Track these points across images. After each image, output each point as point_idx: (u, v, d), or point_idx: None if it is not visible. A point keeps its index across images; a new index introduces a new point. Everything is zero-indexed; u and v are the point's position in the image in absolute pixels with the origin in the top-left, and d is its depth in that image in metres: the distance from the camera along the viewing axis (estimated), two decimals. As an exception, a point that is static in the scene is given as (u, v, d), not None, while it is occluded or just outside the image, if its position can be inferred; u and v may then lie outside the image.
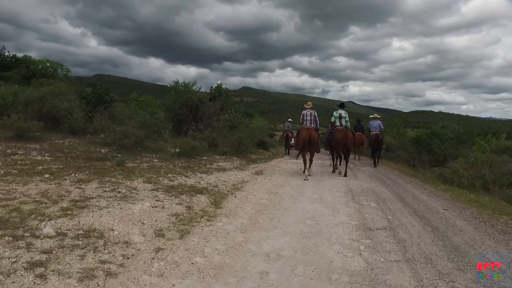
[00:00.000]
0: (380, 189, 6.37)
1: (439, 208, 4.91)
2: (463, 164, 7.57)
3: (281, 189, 6.10)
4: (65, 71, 26.64)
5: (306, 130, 7.83)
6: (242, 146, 11.37)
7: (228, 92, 16.36)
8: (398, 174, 8.88)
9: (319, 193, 5.86)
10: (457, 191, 6.34)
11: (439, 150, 12.70)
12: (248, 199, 5.15)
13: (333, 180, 7.46)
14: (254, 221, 3.99)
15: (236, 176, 7.22)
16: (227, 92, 16.24)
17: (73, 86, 11.23)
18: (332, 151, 9.06)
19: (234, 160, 10.24)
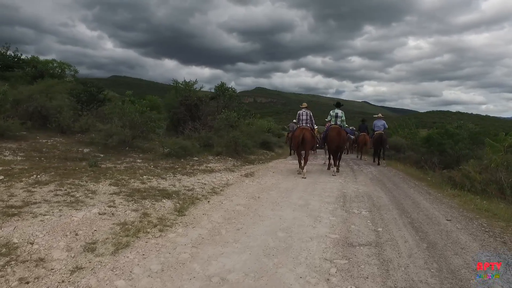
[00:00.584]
0: (378, 194, 5.66)
1: (441, 218, 4.18)
2: (475, 166, 6.73)
3: (266, 193, 5.49)
4: (73, 71, 26.91)
5: (300, 130, 7.95)
6: (238, 146, 10.81)
7: (232, 91, 15.85)
8: (403, 177, 8.08)
9: (307, 198, 5.21)
10: (467, 197, 5.55)
11: (452, 151, 11.77)
12: (222, 205, 4.57)
13: (329, 183, 6.78)
14: (215, 233, 3.41)
15: (222, 178, 6.66)
16: (231, 91, 15.74)
17: (65, 85, 10.93)
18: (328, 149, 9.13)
19: (228, 160, 9.68)
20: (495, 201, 5.77)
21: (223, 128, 11.81)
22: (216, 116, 11.81)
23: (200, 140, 10.72)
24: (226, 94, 15.20)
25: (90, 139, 8.55)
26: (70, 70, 27.25)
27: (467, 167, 6.84)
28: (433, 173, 9.13)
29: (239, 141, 10.39)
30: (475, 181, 6.28)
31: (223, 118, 11.46)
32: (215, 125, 11.43)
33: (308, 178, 7.42)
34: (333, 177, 7.75)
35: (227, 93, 15.26)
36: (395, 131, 19.66)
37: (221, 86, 15.34)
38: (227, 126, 11.51)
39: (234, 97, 15.15)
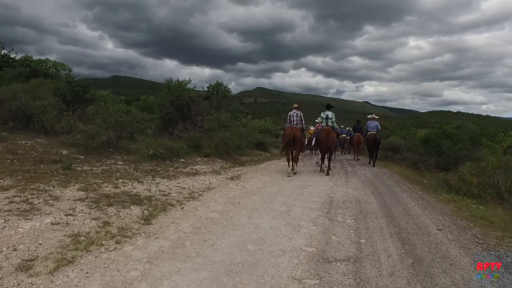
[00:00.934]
0: (368, 199, 5.31)
1: (432, 227, 3.84)
2: (472, 168, 6.38)
3: (247, 198, 5.16)
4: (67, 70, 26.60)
5: (290, 129, 8.05)
6: (229, 147, 10.48)
7: (226, 91, 15.51)
8: (398, 180, 7.73)
9: (291, 203, 4.88)
10: (462, 203, 5.20)
11: (450, 151, 11.42)
12: (196, 211, 4.24)
13: (318, 186, 6.44)
14: (179, 245, 3.08)
15: (204, 181, 6.33)
16: (225, 91, 15.40)
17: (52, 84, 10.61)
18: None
19: (216, 162, 9.35)
20: (493, 206, 5.43)
21: (215, 129, 11.48)
22: (207, 116, 11.45)
23: (188, 141, 10.39)
24: (220, 93, 14.84)
25: (72, 140, 8.23)
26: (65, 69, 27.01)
27: (464, 169, 6.50)
28: (430, 175, 8.79)
29: (229, 142, 10.05)
30: (471, 184, 5.94)
31: (213, 118, 11.12)
32: (205, 125, 11.09)
33: (298, 181, 7.09)
34: (323, 179, 7.42)
35: (221, 92, 14.91)
36: (393, 131, 19.30)
37: (215, 85, 15.01)
38: (220, 126, 11.17)
39: (228, 96, 14.79)
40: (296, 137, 7.87)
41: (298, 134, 7.96)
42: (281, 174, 8.00)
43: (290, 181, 7.05)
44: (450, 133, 11.89)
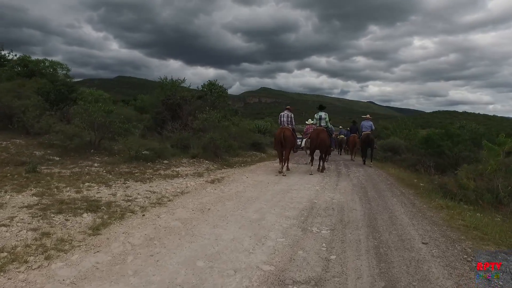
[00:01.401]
0: (353, 206, 4.87)
1: (417, 240, 3.39)
2: (469, 172, 5.90)
3: (221, 204, 4.75)
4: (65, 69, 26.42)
5: (281, 130, 8.31)
6: (218, 148, 10.09)
7: (221, 90, 15.10)
8: (391, 183, 7.26)
9: (267, 210, 4.46)
10: (457, 210, 4.72)
11: (451, 152, 10.90)
12: (157, 219, 3.84)
13: (303, 190, 6.01)
14: (119, 260, 2.68)
15: (181, 184, 5.94)
16: (220, 90, 14.99)
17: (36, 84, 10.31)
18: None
19: (203, 164, 8.95)
20: (491, 213, 4.95)
21: (205, 129, 11.09)
22: (196, 116, 11.06)
23: (176, 142, 10.02)
24: (214, 93, 14.45)
25: (49, 140, 7.90)
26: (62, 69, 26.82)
27: (461, 173, 6.02)
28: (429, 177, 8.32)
29: (217, 143, 9.66)
30: (468, 189, 5.46)
31: (203, 118, 10.74)
32: (194, 125, 10.71)
33: (283, 184, 6.67)
34: (312, 182, 6.98)
35: (215, 92, 14.52)
36: (394, 131, 18.76)
37: (209, 84, 14.62)
38: (209, 127, 10.78)
39: (222, 96, 14.41)
40: (286, 138, 8.05)
41: (288, 134, 8.13)
42: (268, 177, 7.58)
43: (275, 184, 6.62)
44: (452, 133, 11.35)
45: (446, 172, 11.18)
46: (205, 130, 10.85)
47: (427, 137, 11.79)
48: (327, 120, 8.90)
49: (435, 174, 10.16)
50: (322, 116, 8.90)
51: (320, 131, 8.61)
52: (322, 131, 8.60)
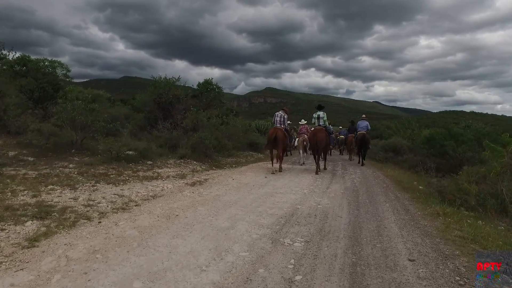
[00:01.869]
0: (339, 213, 4.39)
1: (403, 255, 2.91)
2: (471, 175, 5.38)
3: (193, 209, 4.32)
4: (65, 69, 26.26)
5: (274, 130, 8.45)
6: (208, 148, 9.67)
7: (217, 88, 14.64)
8: (387, 186, 6.75)
9: (241, 217, 4.02)
10: (455, 217, 4.22)
11: (454, 153, 10.33)
12: (114, 228, 3.42)
13: (288, 194, 5.55)
14: (42, 281, 2.26)
15: (157, 187, 5.52)
16: (216, 88, 14.54)
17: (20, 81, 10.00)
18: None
19: (190, 165, 8.54)
20: (494, 220, 4.45)
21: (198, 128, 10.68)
22: (185, 115, 10.65)
23: (164, 141, 9.62)
24: (211, 92, 14.01)
25: (29, 140, 7.55)
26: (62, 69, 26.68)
27: (461, 175, 5.51)
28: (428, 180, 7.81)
29: (206, 143, 9.23)
30: (469, 194, 4.95)
31: (191, 118, 10.32)
32: (183, 124, 10.30)
33: (270, 186, 6.22)
34: (301, 185, 6.51)
35: (211, 91, 14.08)
36: (397, 131, 18.17)
37: (204, 83, 14.20)
38: (201, 126, 10.35)
39: (217, 95, 13.98)
40: (278, 137, 8.16)
41: (280, 134, 8.23)
42: (256, 179, 7.13)
43: (260, 187, 6.17)
44: (455, 133, 10.78)
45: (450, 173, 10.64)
46: (196, 130, 10.45)
47: (429, 137, 11.22)
48: (325, 120, 8.93)
49: (437, 176, 9.62)
50: (320, 115, 8.91)
51: (319, 130, 8.66)
52: (320, 131, 8.64)
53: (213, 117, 11.13)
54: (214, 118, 11.06)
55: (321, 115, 8.92)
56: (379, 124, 27.43)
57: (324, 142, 8.61)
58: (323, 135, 8.57)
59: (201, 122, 10.20)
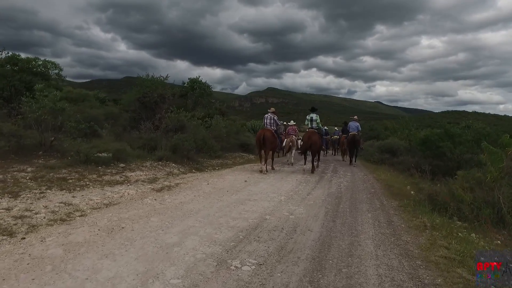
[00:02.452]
0: (310, 225, 3.84)
1: (370, 286, 2.36)
2: (466, 180, 4.82)
3: (144, 220, 3.79)
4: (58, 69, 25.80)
5: (262, 131, 8.65)
6: (190, 150, 9.15)
7: (205, 87, 14.12)
8: (376, 191, 6.19)
9: (194, 230, 3.48)
10: (445, 230, 3.67)
11: (451, 154, 9.76)
12: (38, 245, 2.89)
13: (262, 201, 5.01)
14: None
15: (117, 194, 5.00)
16: (203, 87, 14.00)
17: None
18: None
19: (168, 167, 8.02)
20: (489, 231, 3.89)
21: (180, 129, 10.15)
22: (165, 115, 10.13)
23: (144, 143, 9.11)
24: (196, 90, 13.49)
25: None
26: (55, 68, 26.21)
27: (456, 180, 4.96)
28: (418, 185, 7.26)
29: (186, 144, 8.70)
30: (463, 202, 4.39)
31: (172, 118, 9.80)
32: (162, 125, 9.78)
33: (245, 193, 5.69)
34: (281, 191, 5.98)
35: (198, 89, 13.55)
36: (394, 132, 17.60)
37: (190, 81, 13.67)
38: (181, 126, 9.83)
39: (205, 94, 13.44)
40: (266, 138, 8.29)
41: (268, 135, 8.37)
42: (234, 183, 6.59)
43: (234, 193, 5.64)
44: (453, 133, 10.21)
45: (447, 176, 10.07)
46: (178, 131, 9.92)
47: (424, 138, 10.64)
48: (318, 122, 9.10)
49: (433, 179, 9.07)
50: (313, 117, 9.06)
51: (312, 133, 8.85)
52: (313, 133, 8.84)
53: (195, 118, 10.58)
54: (196, 118, 10.50)
55: (314, 117, 9.04)
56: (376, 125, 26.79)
57: (317, 144, 8.86)
58: (317, 138, 8.80)
59: (181, 122, 9.65)
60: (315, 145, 8.75)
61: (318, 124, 9.13)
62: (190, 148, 8.83)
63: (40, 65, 25.95)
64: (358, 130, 11.43)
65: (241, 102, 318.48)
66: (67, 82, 21.36)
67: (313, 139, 8.67)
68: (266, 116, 9.05)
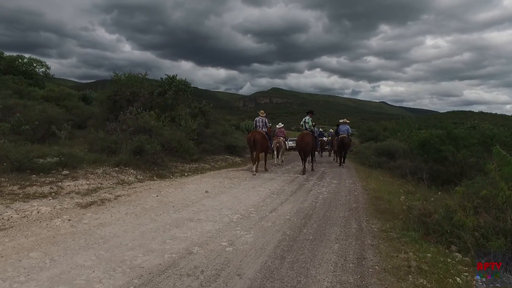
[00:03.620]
0: (246, 266, 2.73)
1: None
2: (467, 197, 3.69)
3: (20, 256, 2.73)
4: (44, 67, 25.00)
5: (252, 133, 8.89)
6: (156, 153, 8.09)
7: (183, 85, 12.86)
8: (357, 208, 5.04)
9: (74, 274, 2.42)
10: (440, 271, 2.57)
11: (453, 159, 8.61)
12: None
13: (207, 222, 3.93)
14: None
15: (23, 212, 3.98)
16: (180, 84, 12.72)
17: None
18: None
19: (125, 174, 6.98)
20: (502, 274, 2.77)
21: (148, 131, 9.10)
22: (124, 116, 9.08)
23: (102, 146, 8.08)
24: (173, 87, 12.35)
25: None
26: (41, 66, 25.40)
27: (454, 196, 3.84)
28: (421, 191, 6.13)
29: (147, 148, 7.65)
30: (463, 229, 3.26)
31: (130, 118, 8.75)
32: (123, 126, 8.74)
33: (191, 210, 4.62)
34: (242, 204, 4.90)
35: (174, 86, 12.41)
36: (393, 133, 16.41)
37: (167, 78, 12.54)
38: (143, 129, 8.76)
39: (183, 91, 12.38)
40: (256, 140, 8.53)
41: (258, 137, 8.61)
42: (190, 195, 5.53)
43: (180, 209, 4.57)
44: (456, 135, 9.03)
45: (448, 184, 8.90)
46: (146, 133, 8.86)
47: (423, 140, 9.47)
48: (310, 124, 9.45)
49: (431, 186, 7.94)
50: (306, 120, 9.49)
51: (305, 134, 9.18)
52: (307, 135, 9.15)
53: (163, 119, 9.52)
54: (161, 120, 9.44)
55: (307, 120, 9.46)
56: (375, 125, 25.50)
57: (310, 145, 9.16)
58: (309, 139, 9.11)
59: (146, 124, 8.60)
60: (307, 145, 9.03)
61: (311, 126, 9.47)
62: (154, 152, 7.76)
63: (25, 63, 25.10)
64: (348, 133, 11.79)
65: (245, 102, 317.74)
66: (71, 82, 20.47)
67: (305, 140, 9.01)
68: (257, 119, 9.35)
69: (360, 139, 22.98)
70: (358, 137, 23.46)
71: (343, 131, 11.75)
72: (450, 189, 8.45)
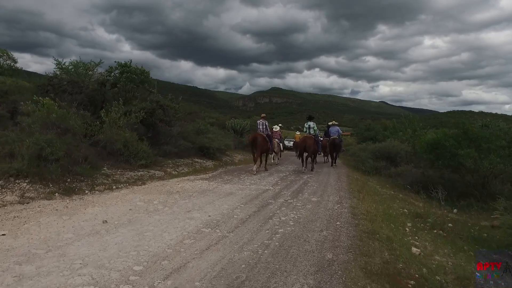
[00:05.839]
0: None
1: None
2: None
3: None
4: (11, 60, 22.87)
5: (253, 135, 9.74)
6: (54, 161, 5.95)
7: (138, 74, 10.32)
8: (333, 263, 2.93)
9: None
10: None
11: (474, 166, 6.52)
12: None
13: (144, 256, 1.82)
14: None
15: None
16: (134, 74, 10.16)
17: None
18: None
19: (11, 189, 4.85)
20: None
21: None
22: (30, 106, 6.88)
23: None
24: (123, 77, 10.01)
25: None
26: (7, 58, 23.20)
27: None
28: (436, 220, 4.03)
29: (46, 152, 5.50)
30: None
31: (36, 116, 6.56)
32: (23, 124, 6.56)
33: (28, 267, 2.49)
34: (127, 252, 2.78)
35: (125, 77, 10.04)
36: (394, 132, 14.29)
37: (122, 66, 10.13)
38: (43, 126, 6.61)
39: (139, 82, 10.19)
40: (257, 141, 9.11)
41: (259, 139, 9.14)
42: (66, 234, 3.41)
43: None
44: (477, 135, 6.90)
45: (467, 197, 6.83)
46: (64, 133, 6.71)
47: (434, 142, 7.32)
48: (315, 129, 10.08)
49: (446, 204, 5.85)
50: (311, 125, 10.09)
51: (307, 137, 9.72)
52: (309, 138, 9.67)
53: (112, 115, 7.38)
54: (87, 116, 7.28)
55: (312, 125, 10.10)
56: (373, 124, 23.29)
57: (312, 147, 9.60)
58: (312, 142, 9.58)
59: (41, 119, 6.41)
60: (309, 147, 9.54)
61: (315, 131, 10.09)
62: (53, 159, 5.60)
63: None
64: (339, 133, 12.33)
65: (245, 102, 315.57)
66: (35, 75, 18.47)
67: (307, 143, 9.51)
68: (259, 122, 10.05)
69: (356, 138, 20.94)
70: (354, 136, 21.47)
71: (333, 132, 12.25)
72: (471, 207, 6.29)
